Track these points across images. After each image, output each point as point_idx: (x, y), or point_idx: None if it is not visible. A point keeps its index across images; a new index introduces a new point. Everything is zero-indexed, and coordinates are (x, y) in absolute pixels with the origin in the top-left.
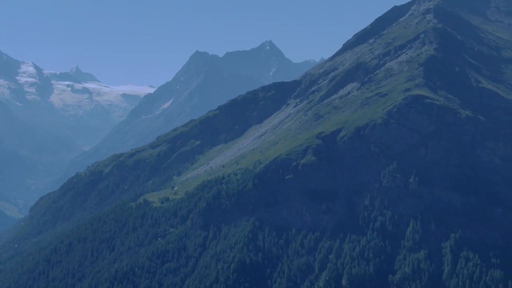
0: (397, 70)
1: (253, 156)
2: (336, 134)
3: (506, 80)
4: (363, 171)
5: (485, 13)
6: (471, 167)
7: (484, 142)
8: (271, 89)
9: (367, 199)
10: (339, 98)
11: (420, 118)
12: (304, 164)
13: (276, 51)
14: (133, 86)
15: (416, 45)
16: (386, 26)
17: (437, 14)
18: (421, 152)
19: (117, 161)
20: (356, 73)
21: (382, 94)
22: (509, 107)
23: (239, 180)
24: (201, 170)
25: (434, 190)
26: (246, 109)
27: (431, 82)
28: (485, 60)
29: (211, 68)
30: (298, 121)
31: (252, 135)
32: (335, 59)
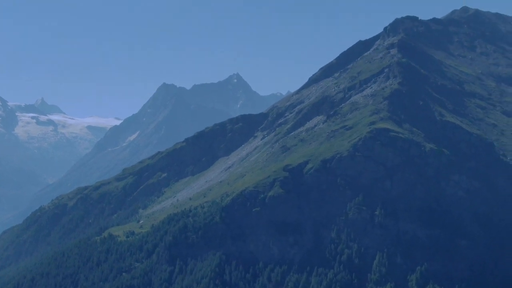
0: (362, 103)
1: (221, 189)
2: (303, 167)
3: (469, 113)
4: (330, 204)
5: (448, 48)
6: (435, 199)
7: (448, 175)
8: (239, 121)
9: (334, 232)
10: (306, 130)
11: (385, 151)
12: (271, 197)
13: (243, 84)
14: (99, 118)
15: (380, 79)
16: (351, 60)
17: (401, 49)
18: (386, 184)
19: (82, 194)
20: (322, 106)
21: (348, 127)
22: (472, 140)
23: (206, 213)
24: (168, 203)
25: (400, 223)
26: (213, 141)
27: (396, 115)
28: (449, 94)
29: (178, 100)
30: (265, 153)
31: (219, 167)
32: (301, 92)
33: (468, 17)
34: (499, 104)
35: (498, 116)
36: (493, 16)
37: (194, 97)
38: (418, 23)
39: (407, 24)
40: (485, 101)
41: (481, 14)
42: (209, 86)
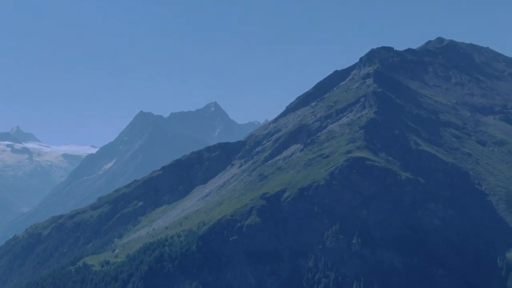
0: (338, 132)
1: (197, 217)
2: (280, 195)
3: (444, 143)
4: (307, 232)
5: (423, 78)
6: (412, 228)
7: (424, 203)
8: (216, 149)
9: (311, 261)
10: (283, 159)
11: (362, 179)
12: (248, 225)
13: (221, 112)
14: (74, 146)
15: (356, 108)
16: (327, 90)
17: (377, 79)
18: (363, 213)
19: (57, 223)
20: (299, 135)
21: (325, 156)
22: (448, 169)
23: (183, 242)
24: (144, 232)
25: (377, 251)
26: (190, 169)
27: (372, 144)
28: (424, 124)
29: (155, 128)
30: (242, 181)
31: (196, 195)
32: (278, 121)
33: (443, 47)
34: (474, 133)
35: (473, 146)
36: (468, 47)
37: (171, 125)
38: (393, 54)
39: (383, 54)
40: (460, 130)
41: (456, 45)
42: (187, 114)
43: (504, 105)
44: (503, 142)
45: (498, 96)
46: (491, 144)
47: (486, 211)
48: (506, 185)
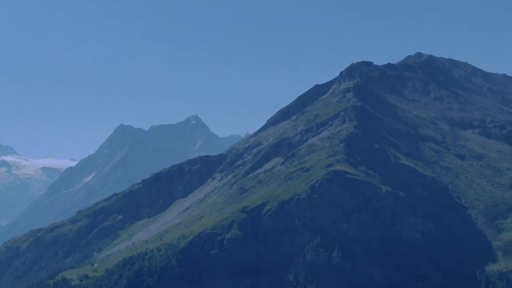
0: (319, 146)
1: (178, 231)
2: (261, 208)
3: (423, 157)
4: (288, 246)
5: (402, 93)
6: (392, 241)
7: (404, 217)
8: (197, 162)
9: (292, 274)
10: (264, 172)
11: (342, 193)
12: (229, 239)
13: (202, 125)
14: (53, 159)
15: (337, 122)
16: (308, 104)
17: (357, 93)
18: (343, 226)
19: (35, 236)
20: (280, 148)
21: (305, 169)
22: (427, 183)
23: (162, 256)
24: (123, 246)
25: (357, 265)
26: (171, 182)
27: (352, 158)
28: (403, 137)
29: (135, 141)
30: (223, 195)
31: (176, 209)
32: (259, 134)
33: (422, 62)
34: (453, 147)
35: (452, 159)
36: (447, 62)
37: (151, 138)
38: (373, 68)
39: (363, 69)
40: (439, 144)
41: (435, 60)
42: (167, 127)
43: (483, 120)
44: (482, 156)
45: (477, 111)
46: (470, 158)
47: (466, 225)
48: (485, 199)
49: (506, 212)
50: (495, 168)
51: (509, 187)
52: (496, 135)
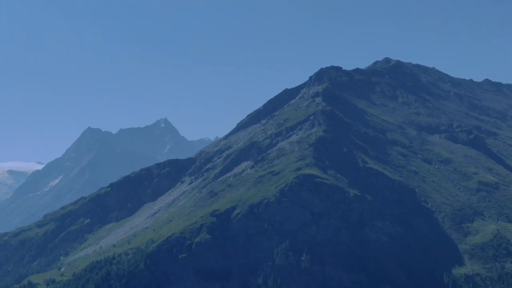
0: (288, 149)
1: (146, 235)
2: (231, 212)
3: (391, 161)
4: (257, 249)
5: (371, 97)
6: (360, 245)
7: (371, 220)
8: (166, 166)
9: (261, 278)
10: (234, 176)
11: (311, 196)
12: (198, 243)
13: (171, 128)
14: (20, 162)
15: (306, 126)
16: (278, 108)
17: (326, 98)
18: (312, 230)
19: (1, 240)
20: (250, 152)
21: (275, 173)
22: (395, 186)
23: (130, 260)
24: (90, 250)
25: (326, 268)
26: (139, 186)
27: (321, 162)
28: (371, 142)
29: (103, 144)
30: (192, 198)
31: (145, 213)
32: (229, 138)
33: (390, 67)
34: (420, 152)
35: (419, 164)
36: (414, 67)
37: (120, 142)
38: (342, 73)
39: (332, 73)
40: (407, 149)
41: (403, 65)
42: (136, 130)
43: (450, 124)
44: (449, 160)
45: (444, 116)
46: (437, 162)
47: (432, 228)
48: (452, 203)
49: (473, 216)
50: (461, 172)
51: (475, 191)
52: (462, 139)
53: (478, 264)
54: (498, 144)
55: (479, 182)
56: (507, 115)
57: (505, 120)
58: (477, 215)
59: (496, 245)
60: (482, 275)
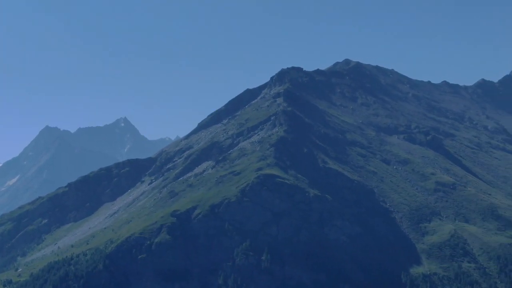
0: (249, 150)
1: (105, 235)
2: (191, 212)
3: (350, 161)
4: (217, 249)
5: (331, 98)
6: (319, 244)
7: (331, 220)
8: (125, 166)
9: (221, 278)
10: (194, 176)
11: (272, 196)
12: (158, 243)
13: (131, 128)
14: None
15: (267, 127)
16: (239, 108)
17: (287, 98)
18: (273, 230)
19: None
20: (211, 152)
21: (236, 173)
22: (354, 186)
23: (89, 260)
24: (48, 250)
25: (286, 268)
26: (98, 186)
27: (282, 162)
28: (331, 142)
29: (62, 143)
30: (152, 198)
31: (104, 213)
32: (190, 137)
33: (350, 69)
34: (379, 152)
35: (378, 164)
36: (374, 69)
37: (78, 141)
38: (302, 74)
39: (293, 74)
40: (366, 149)
41: (362, 67)
42: (95, 129)
43: (408, 125)
44: (407, 161)
45: (402, 117)
46: (395, 163)
47: (391, 228)
48: (409, 203)
49: (430, 216)
50: (419, 172)
51: (432, 192)
52: (420, 140)
53: (436, 263)
54: (455, 145)
55: (437, 182)
56: (464, 117)
57: (462, 122)
58: (434, 215)
59: (453, 245)
60: (439, 275)
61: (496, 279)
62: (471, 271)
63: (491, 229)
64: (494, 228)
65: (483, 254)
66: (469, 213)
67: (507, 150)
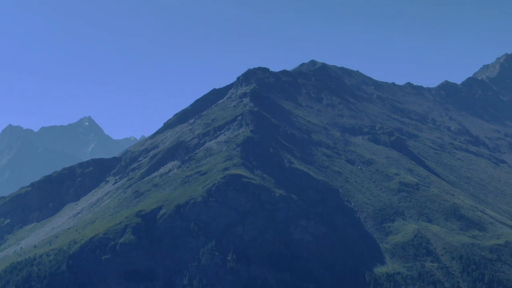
0: (216, 149)
1: (68, 236)
2: (156, 212)
3: (316, 161)
4: (183, 250)
5: (297, 99)
6: (285, 244)
7: (296, 220)
8: (90, 165)
9: (186, 278)
10: (160, 176)
11: (238, 196)
12: (122, 244)
13: (95, 127)
14: None
15: (234, 127)
16: (205, 108)
17: (253, 98)
18: (238, 229)
19: None
20: (177, 152)
21: (202, 173)
22: (319, 187)
23: (52, 261)
24: (10, 250)
25: (251, 267)
26: (61, 186)
27: (248, 162)
28: (297, 143)
29: (24, 142)
30: (117, 198)
31: (67, 213)
32: (156, 137)
33: (315, 70)
34: (344, 153)
35: (343, 164)
36: (339, 70)
37: (42, 140)
38: (269, 74)
39: (259, 74)
40: (331, 149)
41: (328, 68)
42: (59, 128)
43: (372, 126)
44: (371, 161)
45: (367, 118)
46: (360, 163)
47: (355, 227)
48: (373, 203)
49: (394, 215)
50: (383, 173)
51: (396, 192)
52: (384, 141)
53: (399, 263)
54: (419, 146)
55: (400, 182)
56: (427, 118)
57: (425, 123)
58: (398, 215)
59: (416, 244)
60: (402, 274)
61: (458, 279)
62: (434, 270)
63: (453, 229)
64: (456, 228)
65: (446, 254)
66: (432, 213)
67: (469, 151)
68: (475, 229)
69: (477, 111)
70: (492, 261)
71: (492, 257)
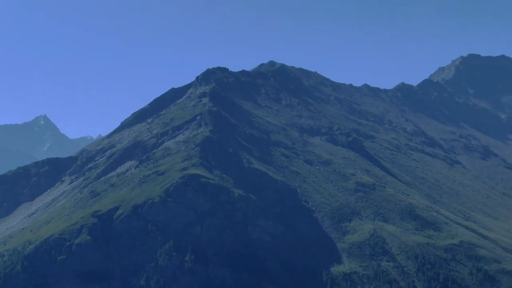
0: (174, 149)
1: (23, 236)
2: (113, 213)
3: (274, 161)
4: (140, 250)
5: (256, 99)
6: (243, 244)
7: (255, 220)
8: (45, 165)
9: (143, 279)
10: (117, 175)
11: (196, 196)
12: (78, 244)
13: (51, 126)
14: None
15: (192, 126)
16: (164, 107)
17: (212, 98)
18: (197, 230)
19: None
20: (135, 151)
21: (160, 173)
22: (277, 187)
23: (6, 262)
24: None
25: (209, 268)
26: (16, 185)
27: (207, 162)
28: (256, 143)
29: None
30: (73, 198)
31: (22, 213)
32: (113, 136)
33: (274, 71)
34: (302, 153)
35: (301, 165)
36: (298, 71)
37: None
38: (228, 74)
39: (218, 74)
40: (289, 150)
41: (287, 69)
42: (13, 127)
43: (330, 127)
44: (329, 162)
45: (325, 118)
46: (318, 163)
47: (313, 227)
48: (331, 202)
49: (351, 215)
50: (340, 173)
51: (353, 192)
52: (342, 142)
53: (356, 262)
54: (375, 146)
55: (357, 183)
56: (384, 119)
57: (382, 124)
58: (355, 215)
59: (372, 244)
60: (359, 273)
61: (414, 278)
62: (390, 269)
63: (409, 228)
64: (412, 228)
65: (402, 253)
66: (388, 213)
67: (425, 152)
68: (430, 229)
69: (433, 113)
70: (446, 261)
71: (447, 257)
